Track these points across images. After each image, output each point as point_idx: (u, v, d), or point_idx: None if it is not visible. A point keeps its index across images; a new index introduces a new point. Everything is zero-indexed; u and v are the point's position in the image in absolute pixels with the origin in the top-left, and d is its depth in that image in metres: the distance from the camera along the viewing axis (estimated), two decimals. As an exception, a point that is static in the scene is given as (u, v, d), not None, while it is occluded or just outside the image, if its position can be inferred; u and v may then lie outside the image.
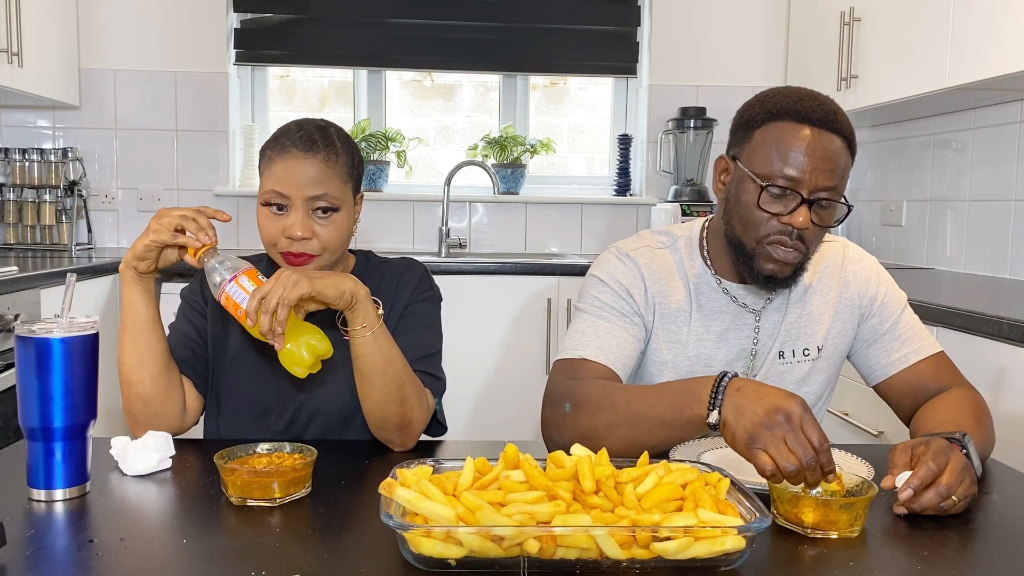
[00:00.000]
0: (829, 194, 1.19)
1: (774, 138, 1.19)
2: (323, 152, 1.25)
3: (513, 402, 2.87)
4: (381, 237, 3.47)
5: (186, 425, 1.30)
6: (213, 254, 1.16)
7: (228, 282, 1.13)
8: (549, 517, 0.79)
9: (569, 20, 3.47)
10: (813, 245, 1.23)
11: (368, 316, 1.16)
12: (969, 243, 2.77)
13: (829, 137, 1.18)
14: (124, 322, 1.21)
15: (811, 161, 1.17)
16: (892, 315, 1.34)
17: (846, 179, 1.21)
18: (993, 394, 1.64)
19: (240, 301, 1.11)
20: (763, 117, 1.22)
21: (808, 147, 1.17)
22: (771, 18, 3.48)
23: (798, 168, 1.17)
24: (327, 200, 1.25)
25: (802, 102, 1.20)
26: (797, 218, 1.17)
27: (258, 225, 1.28)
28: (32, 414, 0.97)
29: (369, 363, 1.18)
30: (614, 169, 3.62)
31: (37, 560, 0.82)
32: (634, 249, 1.35)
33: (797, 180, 1.17)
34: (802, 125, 1.18)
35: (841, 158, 1.19)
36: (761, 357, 1.32)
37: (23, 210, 3.16)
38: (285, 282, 1.09)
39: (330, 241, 1.26)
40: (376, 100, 3.63)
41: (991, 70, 2.18)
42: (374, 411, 1.21)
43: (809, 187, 1.17)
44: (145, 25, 3.32)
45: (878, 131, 3.34)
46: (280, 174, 1.24)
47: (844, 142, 1.20)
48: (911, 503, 0.95)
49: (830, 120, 1.19)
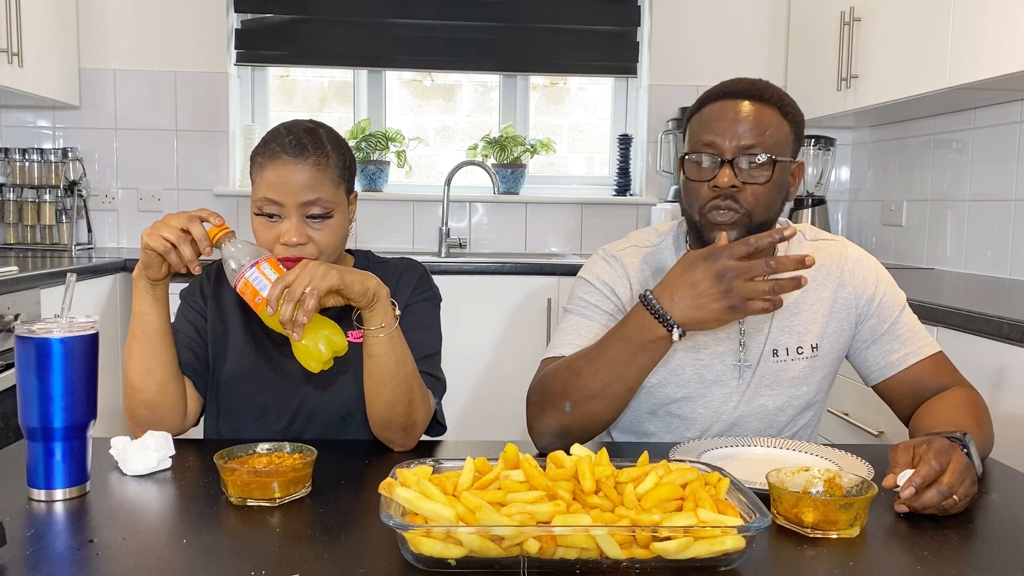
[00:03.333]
0: (751, 152, 1.22)
1: (698, 118, 1.27)
2: (313, 156, 1.24)
3: (513, 402, 2.85)
4: (381, 237, 3.47)
5: (187, 426, 1.30)
6: (232, 239, 1.13)
7: (249, 268, 1.09)
8: (549, 517, 0.79)
9: (569, 20, 3.47)
10: (756, 207, 1.24)
11: (387, 316, 1.15)
12: (969, 243, 2.77)
13: (748, 104, 1.24)
14: (134, 330, 1.21)
15: (727, 124, 1.23)
16: (891, 316, 1.34)
17: (777, 140, 1.24)
18: (993, 394, 1.64)
19: (260, 288, 1.08)
20: (694, 109, 1.30)
21: (725, 112, 1.24)
22: (771, 18, 3.48)
23: (716, 132, 1.23)
24: (320, 205, 1.23)
25: (723, 85, 1.28)
26: (722, 178, 1.21)
27: (254, 234, 1.27)
28: (32, 414, 0.97)
29: (383, 364, 1.17)
30: (614, 169, 3.62)
31: (37, 560, 0.82)
32: (620, 250, 1.39)
33: (716, 143, 1.23)
34: (722, 100, 1.26)
35: (763, 119, 1.23)
36: (753, 351, 1.32)
37: (23, 210, 3.16)
38: (313, 272, 1.06)
39: (326, 245, 1.25)
40: (376, 100, 3.63)
41: (991, 70, 2.18)
42: (382, 411, 1.20)
43: (729, 148, 1.22)
44: (145, 25, 3.32)
45: (878, 131, 3.34)
46: (271, 181, 1.23)
47: (769, 107, 1.24)
48: (913, 501, 0.95)
49: (748, 91, 1.25)
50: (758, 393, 1.32)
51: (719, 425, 1.33)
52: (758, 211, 1.24)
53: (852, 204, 3.55)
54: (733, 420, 1.32)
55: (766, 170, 1.22)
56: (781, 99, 1.26)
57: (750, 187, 1.22)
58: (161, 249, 1.11)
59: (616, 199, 3.55)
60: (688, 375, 1.32)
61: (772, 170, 1.22)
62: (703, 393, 1.32)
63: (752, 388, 1.32)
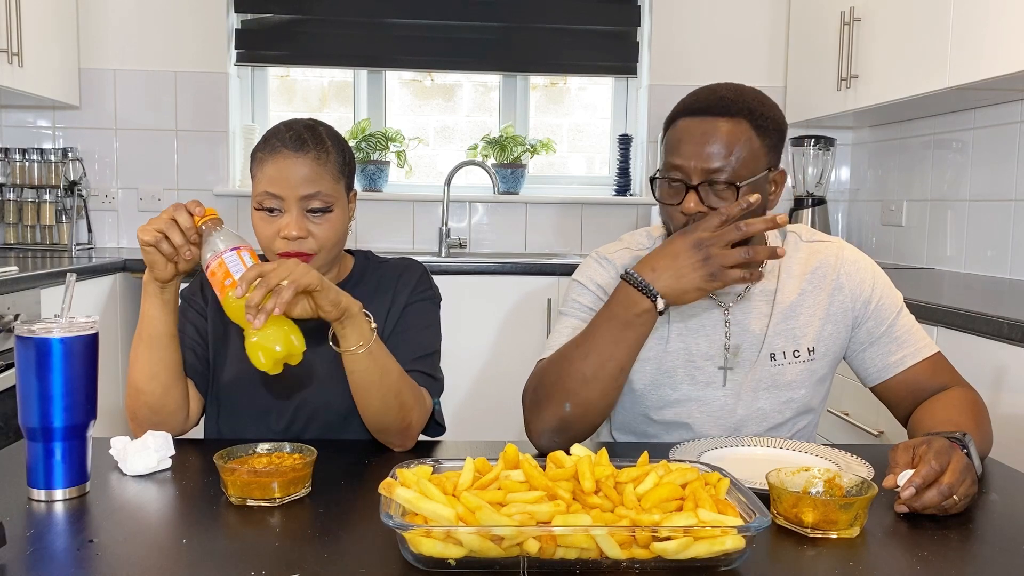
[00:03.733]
0: (716, 176, 1.19)
1: (669, 136, 1.26)
2: (313, 151, 1.25)
3: (512, 402, 2.85)
4: (381, 237, 3.47)
5: (188, 427, 1.30)
6: (219, 226, 1.11)
7: (229, 251, 1.07)
8: (549, 517, 0.79)
9: (569, 20, 3.47)
10: None
11: (362, 331, 1.14)
12: (969, 243, 2.77)
13: (712, 122, 1.20)
14: (141, 333, 1.21)
15: (691, 148, 1.20)
16: (888, 318, 1.34)
17: (744, 158, 1.19)
18: (993, 394, 1.64)
19: (234, 271, 1.05)
20: (667, 122, 1.28)
21: (688, 135, 1.21)
22: (771, 18, 3.48)
23: (681, 156, 1.21)
24: (320, 199, 1.24)
25: (695, 97, 1.25)
26: (688, 204, 1.21)
27: (254, 230, 1.27)
28: (32, 414, 0.97)
29: (365, 378, 1.17)
30: (614, 169, 3.62)
31: (37, 560, 0.82)
32: (613, 252, 1.40)
33: (681, 167, 1.21)
34: (688, 118, 1.23)
35: (730, 139, 1.19)
36: (749, 354, 1.31)
37: (23, 210, 3.16)
38: (293, 267, 1.05)
39: (326, 239, 1.26)
40: (376, 100, 3.63)
41: (991, 70, 2.18)
42: (373, 419, 1.21)
43: (694, 173, 1.20)
44: (145, 25, 3.32)
45: (878, 131, 3.34)
46: (272, 175, 1.24)
47: (739, 121, 1.20)
48: (913, 502, 0.95)
49: (715, 106, 1.21)
50: (756, 396, 1.32)
51: (717, 429, 1.32)
52: None
53: (852, 204, 3.55)
54: (731, 424, 1.32)
55: (732, 193, 1.20)
56: (751, 111, 1.21)
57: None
58: (152, 240, 1.11)
59: (616, 199, 3.55)
60: (681, 376, 1.32)
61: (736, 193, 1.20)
62: (697, 395, 1.32)
63: (750, 392, 1.32)
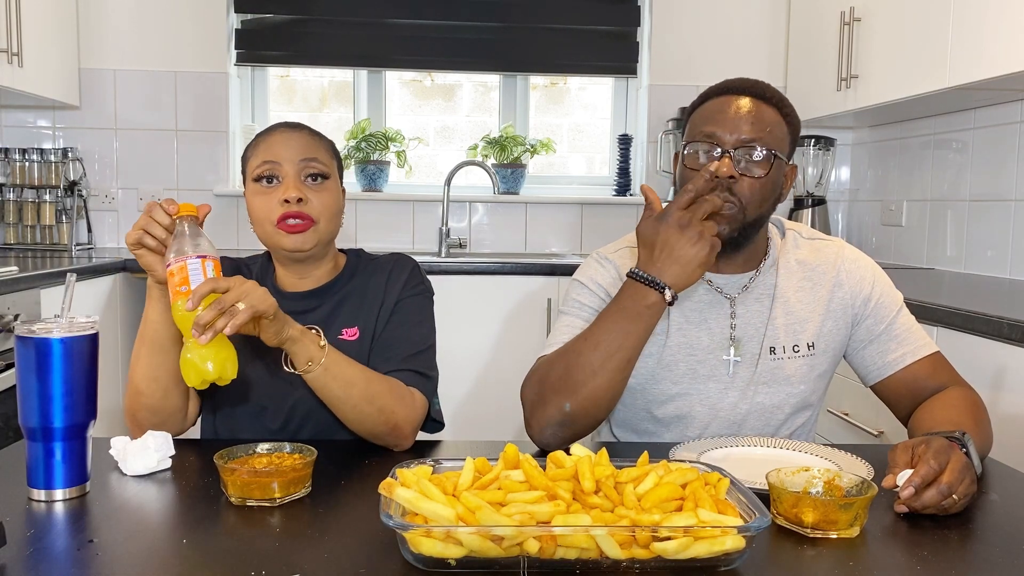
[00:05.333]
0: (750, 146, 1.23)
1: (700, 112, 1.29)
2: (307, 130, 1.33)
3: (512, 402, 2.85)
4: (381, 237, 3.47)
5: (186, 427, 1.30)
6: (193, 222, 1.10)
7: (195, 257, 1.06)
8: (549, 517, 0.79)
9: (569, 20, 3.47)
10: (751, 200, 1.24)
11: (310, 352, 1.15)
12: (969, 243, 2.77)
13: (749, 100, 1.26)
14: (143, 336, 1.21)
15: (729, 117, 1.24)
16: (887, 316, 1.35)
17: (776, 138, 1.26)
18: (993, 394, 1.64)
19: (193, 279, 1.05)
20: (695, 104, 1.32)
21: (727, 106, 1.26)
22: (771, 18, 3.48)
23: (717, 124, 1.25)
24: (317, 166, 1.29)
25: (729, 81, 1.31)
26: (721, 167, 1.22)
27: (249, 209, 1.29)
28: (32, 414, 0.97)
29: (329, 393, 1.19)
30: (614, 169, 3.62)
31: (37, 560, 0.82)
32: (613, 252, 1.41)
33: (716, 135, 1.24)
34: (724, 95, 1.28)
35: (763, 115, 1.25)
36: (750, 348, 1.32)
37: (23, 210, 3.16)
38: (253, 291, 1.06)
39: (324, 208, 1.29)
40: (376, 100, 3.63)
41: (991, 70, 2.18)
42: (354, 428, 1.23)
43: (729, 140, 1.24)
44: (145, 25, 3.32)
45: (878, 131, 3.34)
46: (269, 145, 1.29)
47: (770, 106, 1.27)
48: (912, 501, 0.95)
49: (751, 89, 1.27)
50: (756, 391, 1.32)
51: (717, 423, 1.33)
52: (752, 205, 1.25)
53: (852, 204, 3.55)
54: (732, 418, 1.33)
55: (764, 165, 1.23)
56: (782, 101, 1.28)
57: (747, 180, 1.23)
58: (135, 239, 1.13)
59: (616, 199, 3.55)
60: (682, 370, 1.32)
61: (770, 166, 1.23)
62: (698, 389, 1.32)
63: (751, 385, 1.32)
